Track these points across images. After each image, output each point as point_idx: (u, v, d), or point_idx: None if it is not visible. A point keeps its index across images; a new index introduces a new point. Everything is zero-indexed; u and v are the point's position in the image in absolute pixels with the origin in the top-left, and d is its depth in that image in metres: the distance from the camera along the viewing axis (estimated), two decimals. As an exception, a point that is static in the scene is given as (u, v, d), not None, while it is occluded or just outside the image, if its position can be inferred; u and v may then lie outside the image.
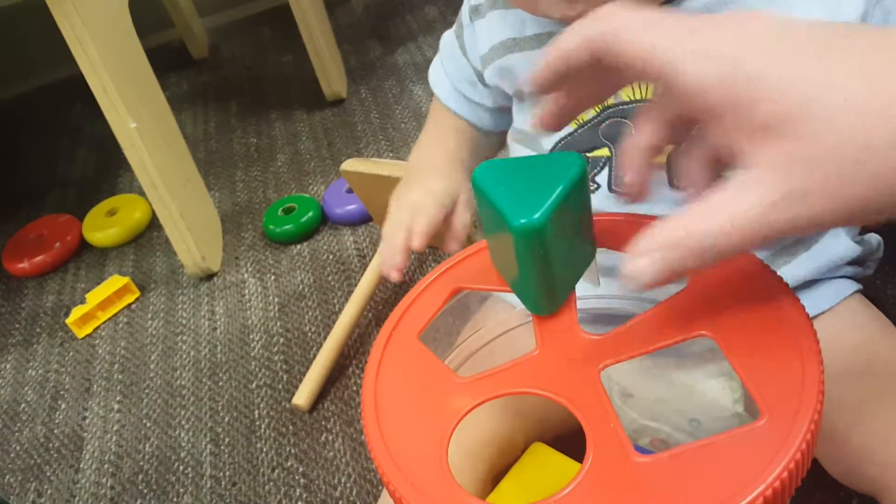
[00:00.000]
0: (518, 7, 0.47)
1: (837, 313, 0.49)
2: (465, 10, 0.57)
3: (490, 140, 0.61)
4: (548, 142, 0.51)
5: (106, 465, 0.80)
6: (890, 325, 0.50)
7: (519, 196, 0.32)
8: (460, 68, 0.59)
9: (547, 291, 0.35)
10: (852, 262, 0.51)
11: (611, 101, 0.47)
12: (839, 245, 0.49)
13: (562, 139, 0.49)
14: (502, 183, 0.33)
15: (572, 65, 0.32)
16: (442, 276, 0.39)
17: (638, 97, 0.46)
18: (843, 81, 0.25)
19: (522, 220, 0.32)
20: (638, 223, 0.37)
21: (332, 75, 1.23)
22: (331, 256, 0.96)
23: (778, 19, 0.27)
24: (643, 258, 0.29)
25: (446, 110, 0.61)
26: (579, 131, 0.49)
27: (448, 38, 0.61)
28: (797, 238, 0.48)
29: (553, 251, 0.33)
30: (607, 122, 0.47)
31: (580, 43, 0.31)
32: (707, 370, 0.40)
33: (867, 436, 0.43)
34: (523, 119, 0.54)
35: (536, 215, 0.32)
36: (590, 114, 0.48)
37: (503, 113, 0.58)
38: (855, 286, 0.51)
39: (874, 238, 0.54)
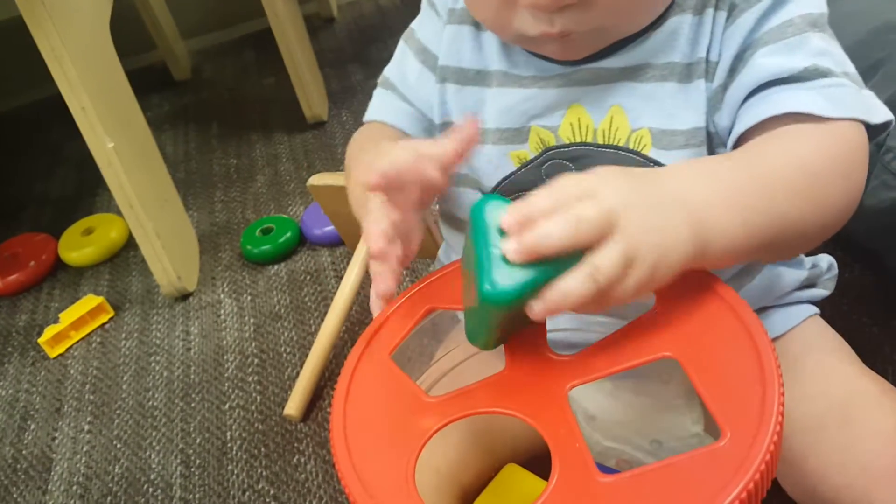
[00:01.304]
0: (488, 27, 0.46)
1: (793, 338, 0.50)
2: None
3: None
4: (489, 180, 0.49)
5: (74, 487, 0.79)
6: (847, 349, 0.51)
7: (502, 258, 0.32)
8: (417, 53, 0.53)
9: (492, 336, 0.36)
10: (804, 287, 0.52)
11: (551, 141, 0.47)
12: (785, 272, 0.50)
13: (505, 178, 0.49)
14: (495, 231, 0.33)
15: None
16: (415, 296, 0.40)
17: (578, 140, 0.46)
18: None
19: (488, 288, 0.32)
20: None
21: (313, 98, 1.24)
22: (308, 277, 0.96)
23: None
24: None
25: (381, 129, 0.55)
26: (521, 171, 0.48)
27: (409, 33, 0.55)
28: (740, 268, 0.48)
29: (511, 313, 0.33)
30: (549, 164, 0.47)
31: None
32: (667, 392, 0.41)
33: (823, 458, 0.44)
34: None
35: (505, 289, 0.32)
36: (532, 154, 0.47)
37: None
38: (811, 310, 0.52)
39: (824, 260, 0.55)
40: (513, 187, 0.49)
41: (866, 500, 0.43)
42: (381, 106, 0.56)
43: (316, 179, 0.84)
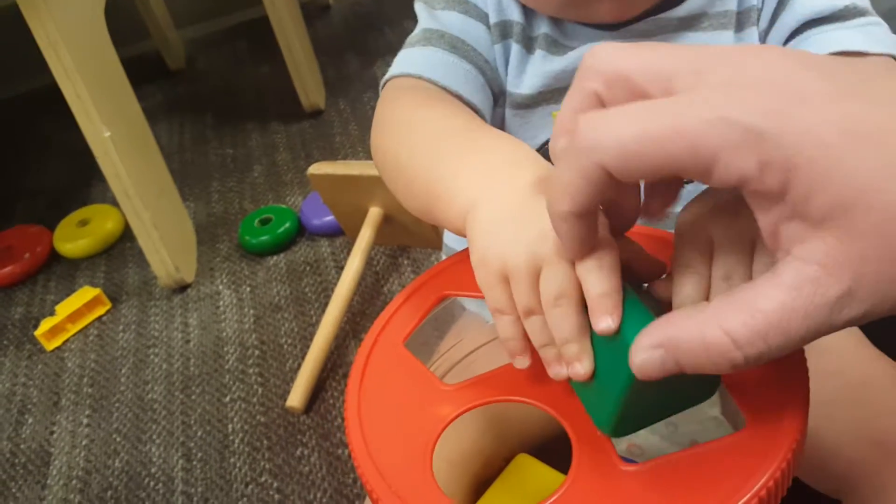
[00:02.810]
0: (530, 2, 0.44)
1: None
2: None
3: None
4: (532, 144, 0.46)
5: (74, 482, 0.78)
6: (860, 333, 0.50)
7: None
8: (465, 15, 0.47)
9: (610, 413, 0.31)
10: None
11: None
12: None
13: (547, 140, 0.47)
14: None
15: (589, 206, 0.26)
16: (428, 283, 0.39)
17: None
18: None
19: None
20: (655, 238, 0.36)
21: (310, 87, 1.22)
22: (308, 268, 0.95)
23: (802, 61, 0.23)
24: (652, 353, 0.25)
25: (445, 96, 0.44)
26: None
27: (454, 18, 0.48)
28: None
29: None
30: None
31: (589, 180, 0.25)
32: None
33: (837, 432, 0.44)
34: (501, 125, 0.49)
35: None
36: None
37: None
38: None
39: None
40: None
41: (877, 476, 0.42)
42: (418, 60, 0.45)
43: (316, 168, 0.83)
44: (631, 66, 0.25)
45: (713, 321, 0.24)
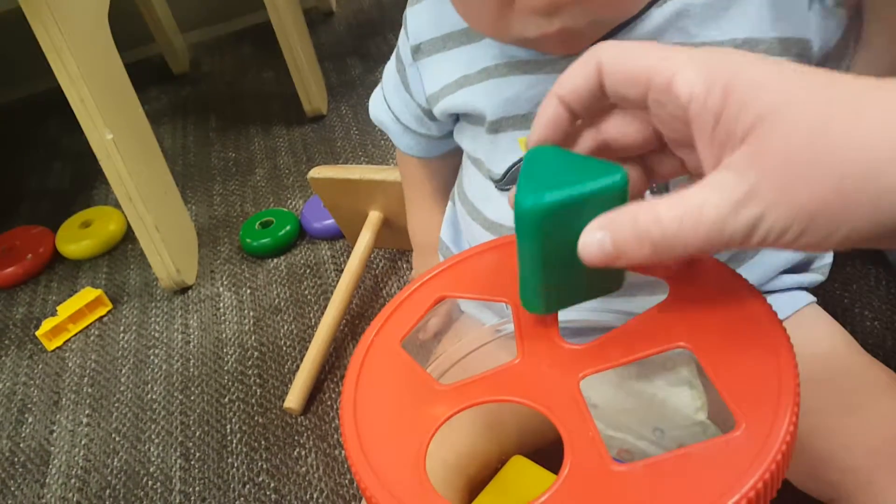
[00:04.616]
0: (486, 34, 0.47)
1: (793, 324, 0.50)
2: (404, 49, 0.55)
3: (445, 162, 0.62)
4: (498, 167, 0.50)
5: (73, 480, 0.78)
6: (845, 334, 0.51)
7: (543, 182, 0.31)
8: (405, 104, 0.58)
9: (535, 287, 0.34)
10: (797, 269, 0.52)
11: None
12: (779, 252, 0.50)
13: (514, 164, 0.49)
14: (542, 168, 0.32)
15: (577, 99, 0.32)
16: (426, 284, 0.39)
17: None
18: (823, 99, 0.26)
19: (525, 202, 0.31)
20: None
21: (312, 92, 1.23)
22: (308, 271, 0.96)
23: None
24: (595, 234, 0.30)
25: (403, 154, 0.63)
26: None
27: (390, 72, 0.60)
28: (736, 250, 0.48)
29: (551, 248, 0.32)
30: None
31: (583, 73, 0.32)
32: (669, 379, 0.41)
33: (828, 441, 0.44)
34: (472, 147, 0.53)
35: (537, 202, 0.31)
36: None
37: (449, 139, 0.58)
38: (808, 297, 0.52)
39: None
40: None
41: (869, 484, 0.43)
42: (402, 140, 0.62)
43: (316, 172, 0.84)
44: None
45: (646, 206, 0.29)
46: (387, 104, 0.60)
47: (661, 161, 0.34)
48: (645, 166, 0.35)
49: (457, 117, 0.54)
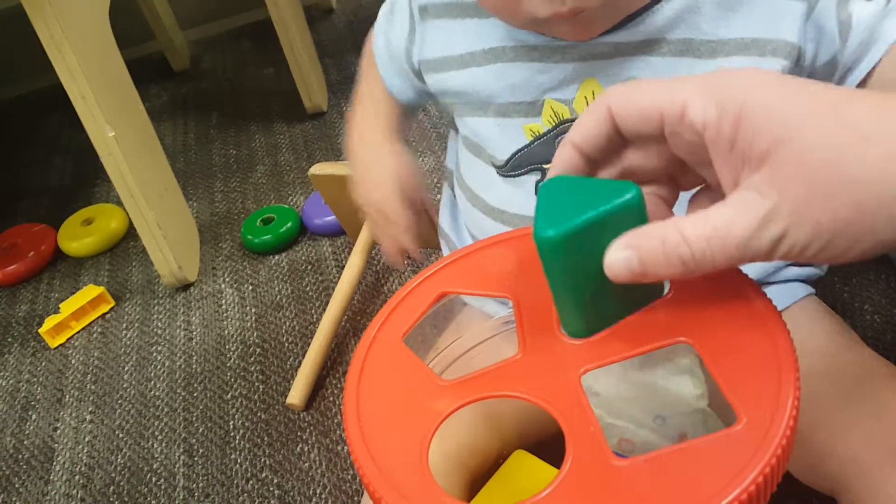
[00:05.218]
0: (495, 14, 0.46)
1: (791, 316, 0.50)
2: (412, 3, 0.53)
3: (409, 115, 0.63)
4: (502, 153, 0.50)
5: (77, 477, 0.78)
6: (844, 326, 0.51)
7: (559, 210, 0.32)
8: (395, 53, 0.57)
9: (572, 312, 0.34)
10: (797, 263, 0.52)
11: (566, 115, 0.47)
12: None
13: (518, 151, 0.49)
14: (556, 198, 0.33)
15: (592, 145, 0.33)
16: (428, 280, 0.39)
17: None
18: (833, 123, 0.28)
19: (545, 233, 0.31)
20: None
21: (312, 88, 1.23)
22: (309, 267, 0.96)
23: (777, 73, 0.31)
24: (621, 252, 0.31)
25: (378, 79, 0.61)
26: (534, 144, 0.48)
27: (386, 16, 0.59)
28: None
29: (579, 272, 0.32)
30: (562, 137, 0.47)
31: (594, 119, 0.32)
32: (670, 368, 0.41)
33: (828, 433, 0.44)
34: (474, 131, 0.53)
35: (557, 231, 0.31)
36: (545, 127, 0.48)
37: (425, 95, 0.58)
38: (807, 289, 0.52)
39: None
40: (525, 160, 0.49)
41: (870, 475, 0.43)
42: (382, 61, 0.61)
43: (317, 169, 0.84)
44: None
45: (671, 225, 0.30)
46: (385, 38, 0.60)
47: (685, 174, 0.35)
48: (671, 181, 0.36)
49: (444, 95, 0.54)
